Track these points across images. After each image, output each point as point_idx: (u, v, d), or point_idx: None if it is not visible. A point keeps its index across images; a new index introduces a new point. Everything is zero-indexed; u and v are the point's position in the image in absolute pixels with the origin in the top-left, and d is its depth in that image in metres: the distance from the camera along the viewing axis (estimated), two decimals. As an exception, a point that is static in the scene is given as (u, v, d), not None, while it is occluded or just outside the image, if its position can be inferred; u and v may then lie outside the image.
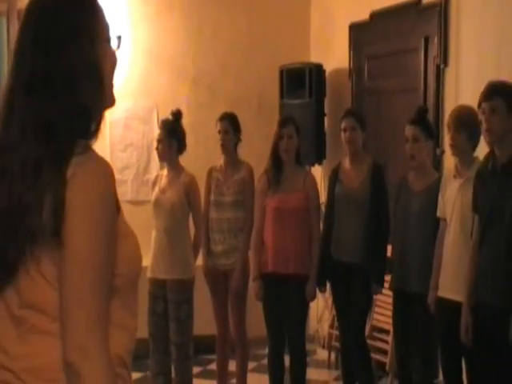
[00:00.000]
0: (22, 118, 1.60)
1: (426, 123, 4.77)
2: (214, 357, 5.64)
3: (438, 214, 4.48)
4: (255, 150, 5.74)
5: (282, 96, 6.87)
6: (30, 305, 1.58)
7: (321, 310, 6.73)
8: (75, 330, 1.52)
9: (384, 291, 5.08)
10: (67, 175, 1.54)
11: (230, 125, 5.23)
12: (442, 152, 5.40)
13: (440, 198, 4.48)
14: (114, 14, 6.35)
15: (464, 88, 5.57)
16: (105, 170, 1.59)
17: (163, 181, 5.23)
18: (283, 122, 5.12)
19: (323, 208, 5.37)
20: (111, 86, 1.72)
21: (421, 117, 4.76)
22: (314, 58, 7.13)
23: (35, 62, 1.60)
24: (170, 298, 5.11)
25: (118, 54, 1.78)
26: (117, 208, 1.63)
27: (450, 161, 5.41)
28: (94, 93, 1.64)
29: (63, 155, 1.56)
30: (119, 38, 6.34)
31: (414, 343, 4.66)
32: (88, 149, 1.61)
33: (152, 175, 6.13)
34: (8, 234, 1.57)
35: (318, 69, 6.77)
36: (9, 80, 1.65)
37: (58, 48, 1.61)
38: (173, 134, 5.15)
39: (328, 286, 5.17)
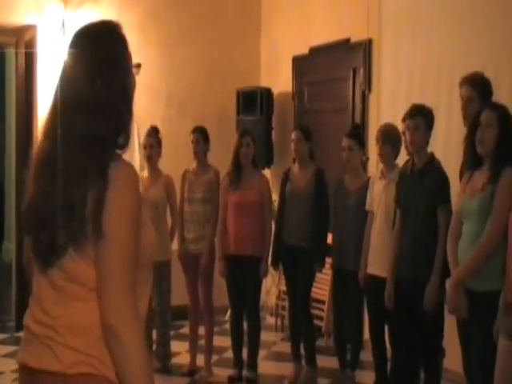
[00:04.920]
0: (75, 133, 1.59)
1: (359, 136, 4.83)
2: (185, 323, 5.61)
3: (367, 207, 4.53)
4: (216, 157, 5.68)
5: (238, 113, 6.87)
6: (70, 278, 1.60)
7: (269, 286, 6.75)
8: (114, 299, 1.55)
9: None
10: (107, 177, 1.56)
11: (201, 136, 5.18)
12: (367, 159, 5.48)
13: (368, 195, 4.53)
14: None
15: (384, 109, 5.67)
16: (133, 174, 1.62)
17: (145, 181, 5.18)
18: (242, 134, 5.09)
19: (274, 203, 5.40)
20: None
21: (355, 131, 4.82)
22: (264, 83, 7.14)
23: (85, 88, 1.60)
24: (153, 276, 5.07)
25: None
26: (140, 201, 1.64)
27: (372, 165, 5.51)
28: (127, 112, 1.66)
29: (105, 162, 1.58)
30: (139, 65, 6.11)
31: (347, 310, 4.70)
32: (119, 157, 1.63)
33: (133, 176, 6.06)
34: (59, 225, 1.58)
35: (268, 92, 6.80)
36: (59, 101, 1.63)
37: (103, 76, 1.61)
38: (159, 143, 5.15)
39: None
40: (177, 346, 5.51)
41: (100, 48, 1.63)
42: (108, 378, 1.57)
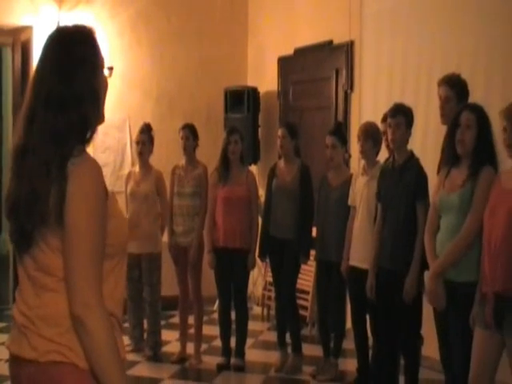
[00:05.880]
0: (40, 128, 1.62)
1: (342, 134, 4.81)
2: (175, 312, 5.60)
3: (349, 202, 4.53)
4: (204, 153, 5.68)
5: (226, 111, 6.86)
6: (41, 268, 1.63)
7: (256, 277, 6.75)
8: (79, 290, 1.56)
9: (306, 261, 5.11)
10: (67, 172, 1.58)
11: (190, 132, 5.14)
12: (349, 156, 5.49)
13: (351, 191, 4.53)
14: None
15: (365, 108, 5.68)
16: (94, 168, 1.62)
17: (137, 176, 5.18)
18: (231, 131, 5.07)
19: (261, 198, 5.38)
20: (103, 105, 1.73)
21: (338, 129, 4.81)
22: (251, 82, 7.13)
23: (52, 86, 1.63)
24: (144, 267, 5.07)
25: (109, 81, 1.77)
26: (105, 194, 1.64)
27: (354, 162, 5.52)
28: (93, 110, 1.66)
29: (65, 157, 1.59)
30: (111, 68, 6.22)
31: (330, 300, 4.70)
32: (82, 152, 1.64)
33: (125, 171, 6.04)
34: (26, 216, 1.61)
35: (254, 91, 6.79)
36: (30, 99, 1.66)
37: (69, 76, 1.63)
38: (151, 139, 5.13)
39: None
40: (167, 334, 5.50)
41: (66, 49, 1.65)
42: (77, 365, 1.59)
